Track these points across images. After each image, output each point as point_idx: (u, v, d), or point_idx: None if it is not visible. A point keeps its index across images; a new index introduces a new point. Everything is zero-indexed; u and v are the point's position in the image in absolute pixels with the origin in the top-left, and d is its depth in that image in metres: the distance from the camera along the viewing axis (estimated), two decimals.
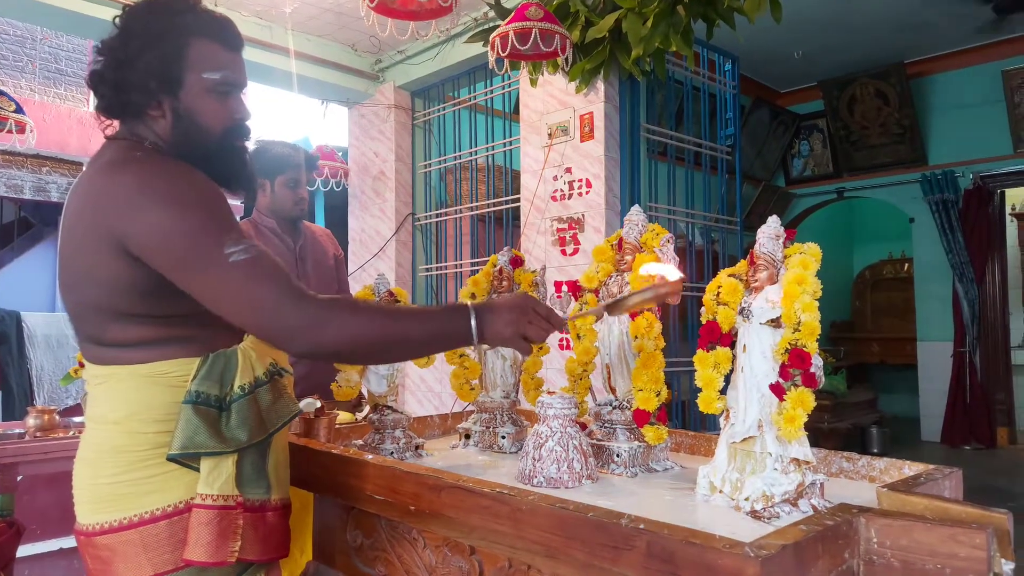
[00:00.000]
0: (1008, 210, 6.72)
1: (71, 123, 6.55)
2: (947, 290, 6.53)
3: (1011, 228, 6.77)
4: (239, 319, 1.11)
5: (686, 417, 4.02)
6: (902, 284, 8.40)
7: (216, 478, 1.14)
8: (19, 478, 2.81)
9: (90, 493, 1.16)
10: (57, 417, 2.92)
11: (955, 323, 6.46)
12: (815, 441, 1.19)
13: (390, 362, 1.25)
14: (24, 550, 3.16)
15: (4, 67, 6.42)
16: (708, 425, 3.82)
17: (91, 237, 1.11)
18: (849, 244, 9.47)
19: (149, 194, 1.09)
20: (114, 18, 1.23)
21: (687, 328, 3.96)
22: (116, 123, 1.26)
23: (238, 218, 1.61)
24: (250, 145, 1.38)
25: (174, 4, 1.22)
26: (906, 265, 8.42)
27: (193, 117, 1.21)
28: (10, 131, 4.02)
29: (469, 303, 1.22)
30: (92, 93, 1.24)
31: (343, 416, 1.90)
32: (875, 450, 6.07)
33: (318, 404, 1.75)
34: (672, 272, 1.30)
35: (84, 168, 1.21)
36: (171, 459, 1.12)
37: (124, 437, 1.14)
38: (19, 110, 4.12)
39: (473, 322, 1.18)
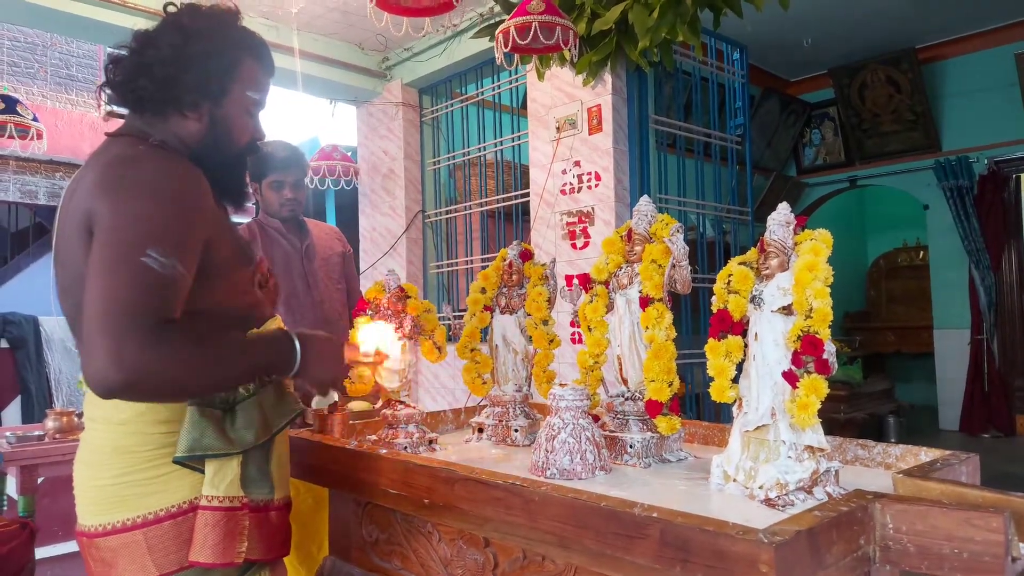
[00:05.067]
0: None
1: (83, 128, 6.62)
2: (963, 277, 6.46)
3: None
4: (85, 326, 1.01)
5: (700, 410, 4.01)
6: (917, 272, 8.32)
7: (221, 480, 1.14)
8: (40, 480, 2.85)
9: (93, 494, 1.16)
10: (76, 419, 2.96)
11: (972, 310, 6.39)
12: (831, 431, 1.18)
13: (208, 394, 1.16)
14: (47, 551, 3.20)
15: (16, 74, 6.49)
16: (723, 418, 3.80)
17: (81, 233, 1.10)
18: (863, 233, 9.39)
19: (131, 182, 1.09)
20: (165, 6, 1.25)
21: (700, 320, 3.94)
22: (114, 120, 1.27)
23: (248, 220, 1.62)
24: None
25: (231, 17, 1.27)
26: (921, 253, 8.34)
27: (227, 127, 1.26)
28: (32, 138, 4.10)
29: (293, 333, 1.20)
30: (116, 82, 1.21)
31: (361, 405, 1.92)
32: (892, 440, 6.01)
33: (335, 397, 1.75)
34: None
35: (84, 166, 1.20)
36: (177, 462, 1.12)
37: (129, 438, 1.14)
38: (34, 118, 4.19)
39: (298, 353, 1.18)
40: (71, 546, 3.26)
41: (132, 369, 0.98)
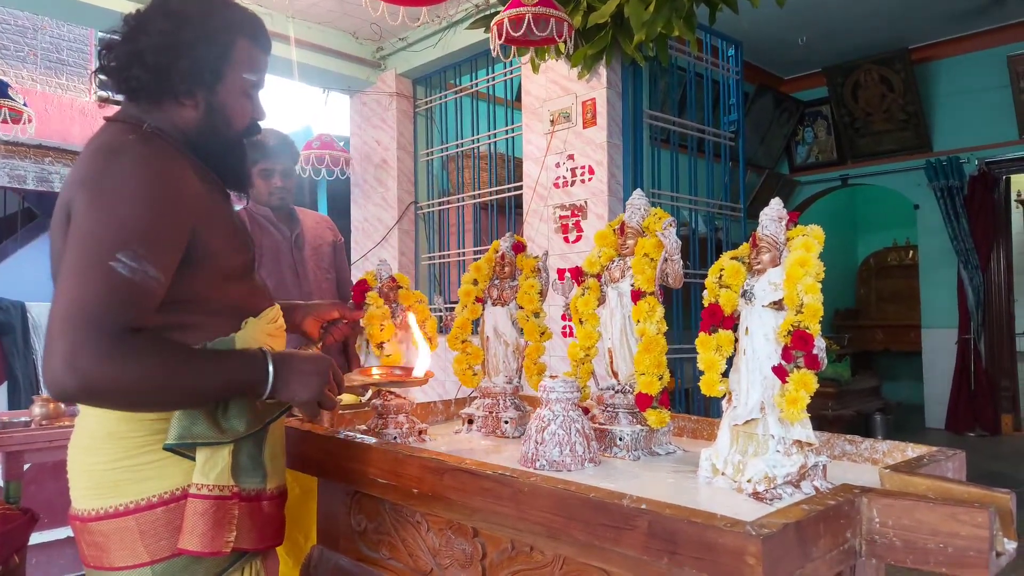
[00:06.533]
0: (1013, 196, 6.69)
1: (73, 113, 6.56)
2: (952, 277, 6.51)
3: (1016, 214, 6.74)
4: (48, 325, 1.00)
5: (690, 405, 4.03)
6: (907, 271, 8.38)
7: (212, 468, 1.13)
8: (26, 466, 2.84)
9: (86, 479, 1.15)
10: (62, 406, 2.93)
11: (960, 310, 6.45)
12: (819, 428, 1.18)
13: (170, 409, 1.12)
14: (32, 538, 3.19)
15: (5, 57, 6.41)
16: (712, 413, 3.82)
17: (62, 223, 1.10)
18: (853, 231, 9.45)
19: (109, 177, 1.07)
20: None
21: (690, 316, 3.95)
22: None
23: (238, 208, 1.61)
24: None
25: None
26: (911, 252, 8.40)
27: (224, 113, 1.24)
28: (25, 123, 4.07)
29: (268, 352, 1.16)
30: (110, 68, 1.19)
31: (348, 398, 1.91)
32: (879, 437, 6.06)
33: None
34: (422, 366, 1.47)
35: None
36: (167, 449, 1.12)
37: (121, 423, 1.13)
38: (24, 103, 4.16)
39: (271, 373, 1.14)
40: (57, 533, 3.25)
41: (86, 377, 0.97)
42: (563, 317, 3.58)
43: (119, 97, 1.23)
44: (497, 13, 2.94)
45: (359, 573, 1.46)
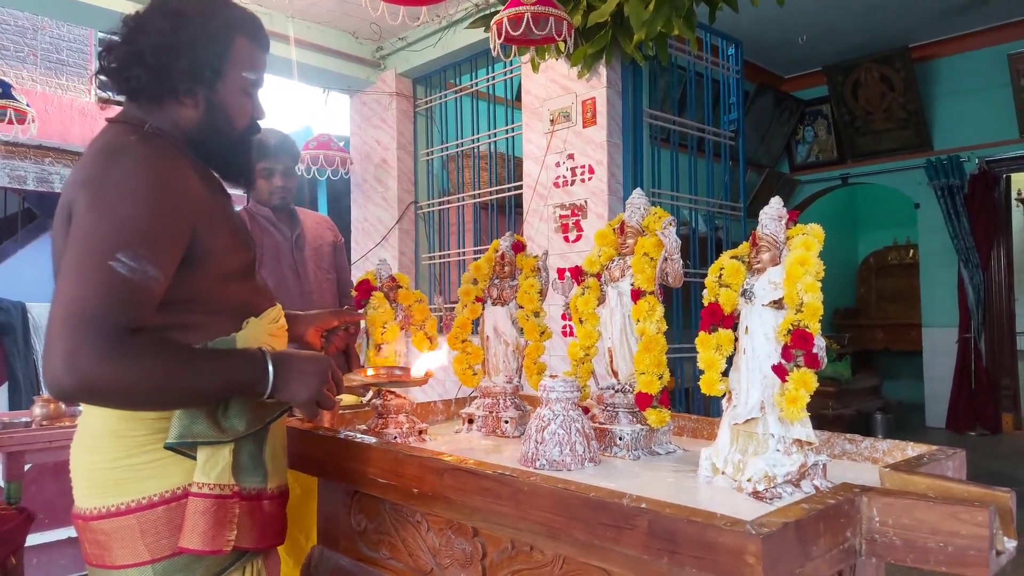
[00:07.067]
0: (1014, 195, 6.68)
1: (73, 113, 6.55)
2: (952, 276, 6.51)
3: (1017, 213, 6.73)
4: (47, 324, 1.00)
5: (690, 404, 4.02)
6: (907, 270, 8.38)
7: (212, 467, 1.14)
8: (27, 467, 2.84)
9: (88, 478, 1.16)
10: (63, 406, 2.93)
11: (960, 309, 6.44)
12: (819, 427, 1.18)
13: (171, 409, 1.13)
14: (32, 539, 3.19)
15: (5, 57, 6.40)
16: (712, 413, 3.82)
17: (63, 223, 1.10)
18: (854, 230, 9.44)
19: (110, 178, 1.07)
20: None
21: (690, 315, 3.95)
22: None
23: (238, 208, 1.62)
24: None
25: None
26: (911, 251, 8.39)
27: (224, 111, 1.24)
28: (24, 122, 4.07)
29: (267, 352, 1.16)
30: (110, 70, 1.20)
31: (348, 398, 1.91)
32: (880, 436, 6.05)
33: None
34: (420, 367, 1.52)
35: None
36: (168, 448, 1.12)
37: (123, 422, 1.14)
38: (27, 104, 4.16)
39: (270, 373, 1.13)
40: (58, 534, 3.25)
41: (85, 376, 0.97)
42: (563, 316, 3.58)
43: (120, 98, 1.24)
44: (497, 12, 2.94)
45: (359, 573, 1.46)
